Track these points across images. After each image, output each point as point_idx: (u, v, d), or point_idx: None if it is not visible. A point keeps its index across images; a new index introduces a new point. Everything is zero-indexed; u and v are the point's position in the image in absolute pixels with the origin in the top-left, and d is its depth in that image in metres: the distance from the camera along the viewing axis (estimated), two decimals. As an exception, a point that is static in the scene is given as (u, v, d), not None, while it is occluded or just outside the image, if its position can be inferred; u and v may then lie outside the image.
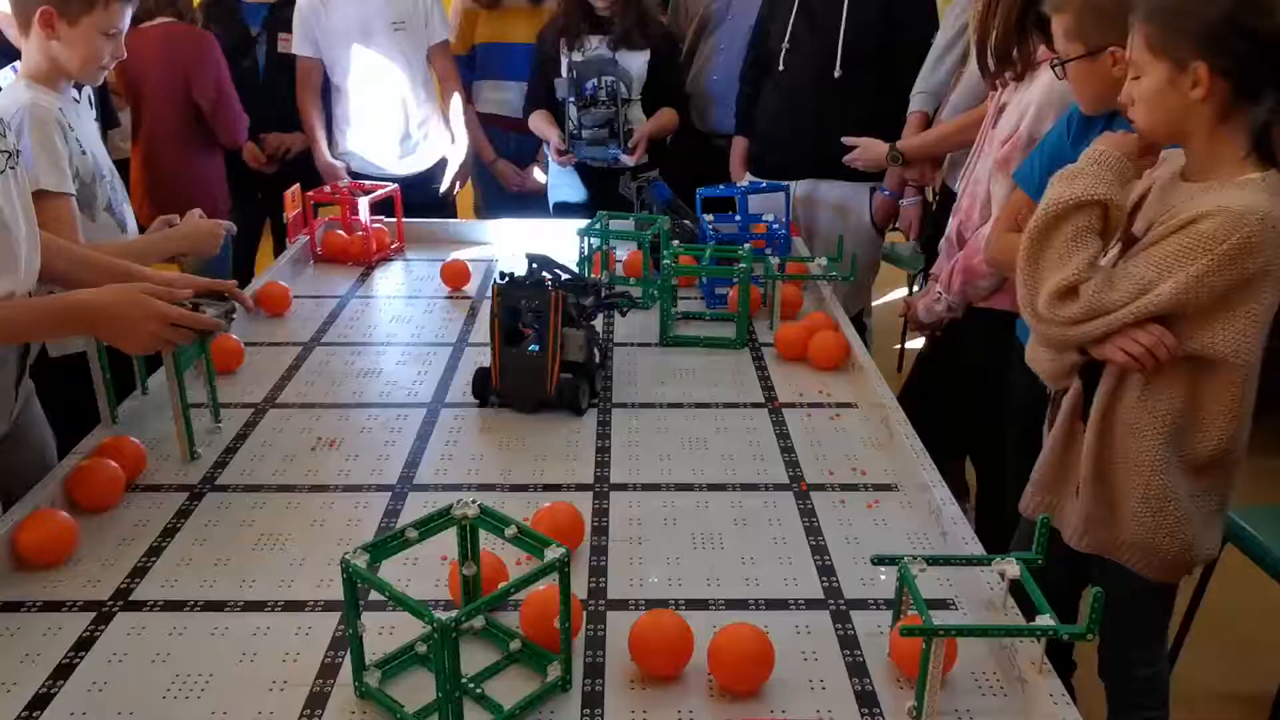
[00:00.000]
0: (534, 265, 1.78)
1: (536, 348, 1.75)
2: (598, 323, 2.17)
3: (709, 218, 2.41)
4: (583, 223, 2.38)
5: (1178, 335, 1.40)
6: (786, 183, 2.70)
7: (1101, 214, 1.41)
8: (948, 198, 2.62)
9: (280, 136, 3.35)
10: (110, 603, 1.26)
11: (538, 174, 3.44)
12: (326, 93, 3.20)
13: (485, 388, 1.80)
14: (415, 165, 3.23)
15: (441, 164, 3.30)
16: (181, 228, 1.98)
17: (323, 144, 3.19)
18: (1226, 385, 1.43)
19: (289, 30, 3.20)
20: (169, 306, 1.45)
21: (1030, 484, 1.63)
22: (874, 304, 4.07)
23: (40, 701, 1.10)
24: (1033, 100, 1.97)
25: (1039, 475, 1.62)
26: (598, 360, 1.83)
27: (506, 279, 1.76)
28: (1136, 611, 1.63)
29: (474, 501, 1.14)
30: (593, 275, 2.26)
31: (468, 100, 3.36)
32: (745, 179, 2.97)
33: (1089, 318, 1.40)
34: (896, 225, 3.02)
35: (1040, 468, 1.61)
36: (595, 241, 2.29)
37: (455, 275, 2.43)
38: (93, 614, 1.24)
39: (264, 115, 3.28)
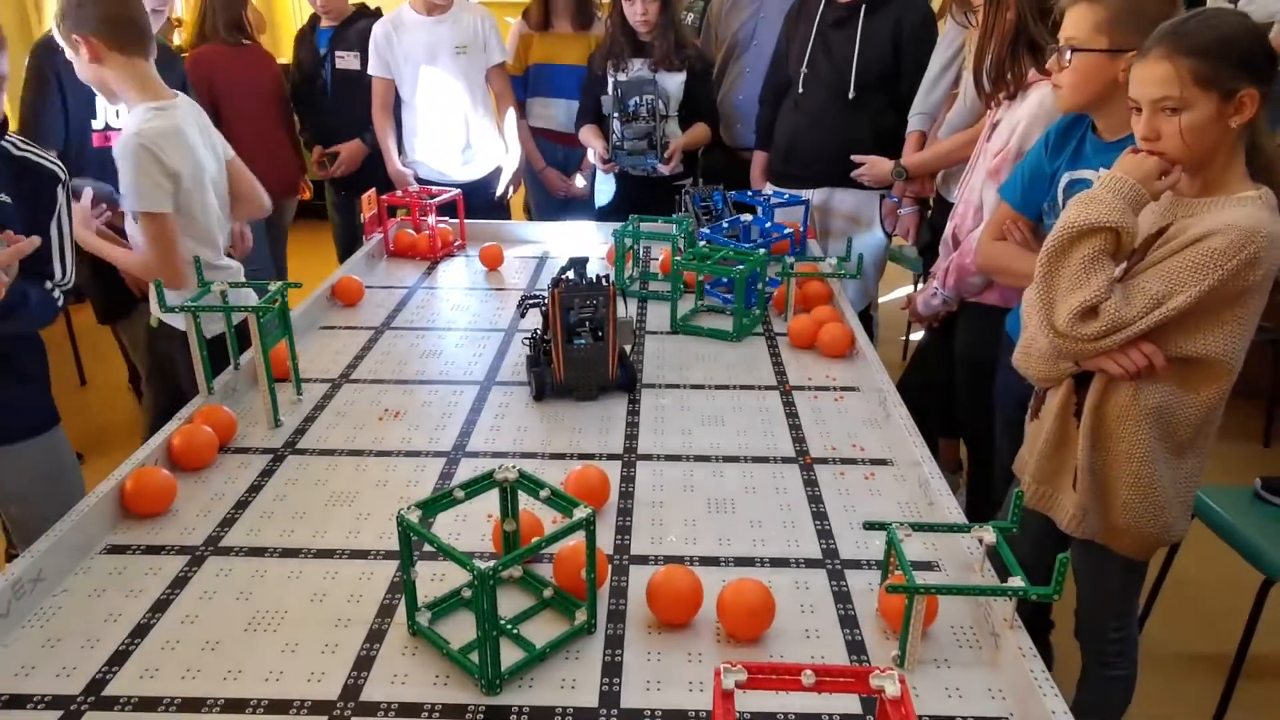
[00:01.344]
0: (579, 267, 1.77)
1: (584, 341, 1.72)
2: (632, 310, 2.19)
3: (746, 217, 2.41)
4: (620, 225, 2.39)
5: (1173, 338, 1.37)
6: (805, 193, 2.69)
7: (1114, 239, 1.36)
8: (942, 206, 2.60)
9: (343, 151, 3.48)
10: (202, 548, 1.30)
11: (580, 181, 3.46)
12: (397, 109, 3.24)
13: (545, 384, 1.75)
14: (474, 172, 3.26)
15: (497, 171, 3.33)
16: None
17: (394, 153, 3.22)
18: (1213, 380, 1.39)
19: (346, 49, 3.31)
20: None
21: (1029, 476, 1.59)
22: (881, 300, 4.04)
23: (141, 630, 1.13)
24: (1023, 117, 1.94)
25: (1036, 469, 1.58)
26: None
27: (564, 283, 1.73)
28: (1112, 582, 1.61)
29: (514, 466, 1.16)
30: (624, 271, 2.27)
31: (521, 115, 3.38)
32: (766, 189, 2.97)
33: (1109, 333, 1.36)
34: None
35: (1038, 461, 1.57)
36: (628, 241, 2.30)
37: (491, 258, 2.54)
38: (187, 558, 1.28)
39: (331, 124, 3.45)
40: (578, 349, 1.72)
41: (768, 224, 2.41)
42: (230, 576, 1.24)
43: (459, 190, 2.72)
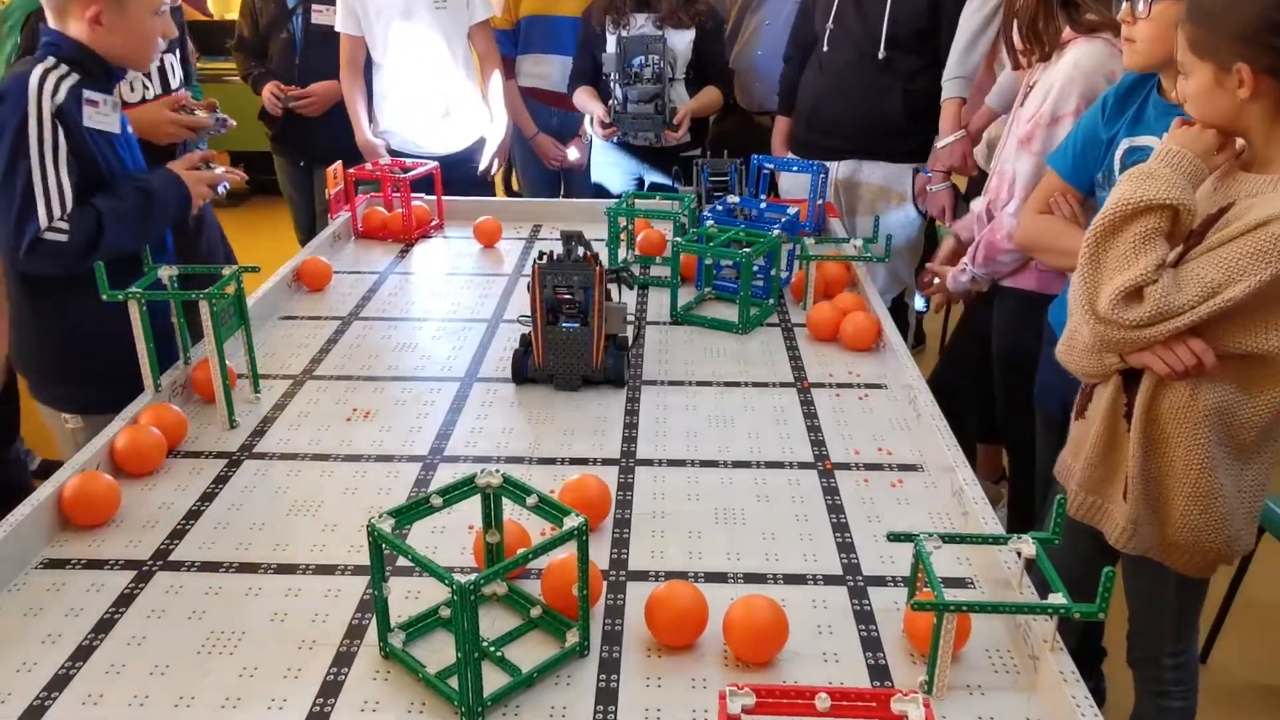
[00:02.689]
0: (571, 242, 1.79)
1: (574, 325, 1.77)
2: (631, 301, 2.21)
3: (760, 204, 2.42)
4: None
5: (1229, 332, 1.38)
6: (827, 163, 2.70)
7: (1171, 217, 1.37)
8: (983, 180, 2.61)
9: (315, 91, 3.39)
10: (150, 562, 1.32)
11: (574, 153, 3.47)
12: (368, 71, 3.25)
13: (525, 366, 1.82)
14: (454, 143, 3.27)
15: (480, 142, 3.33)
16: None
17: (363, 122, 3.23)
18: (1275, 377, 1.40)
19: (323, 2, 3.27)
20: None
21: (1075, 484, 1.61)
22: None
23: (83, 653, 1.15)
24: (1057, 78, 1.96)
25: (1083, 477, 1.59)
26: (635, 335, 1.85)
27: (545, 258, 1.77)
28: (1167, 602, 1.63)
29: (498, 471, 1.18)
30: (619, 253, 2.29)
31: (509, 78, 3.39)
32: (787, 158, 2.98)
33: (1155, 321, 1.37)
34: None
35: (1084, 469, 1.59)
36: (622, 220, 2.32)
37: (487, 234, 2.57)
38: (133, 573, 1.30)
39: (302, 85, 3.40)
40: (559, 331, 1.77)
41: (763, 204, 2.41)
42: (181, 594, 1.26)
43: (436, 163, 2.74)
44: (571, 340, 1.77)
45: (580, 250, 1.77)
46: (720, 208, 2.35)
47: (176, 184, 1.95)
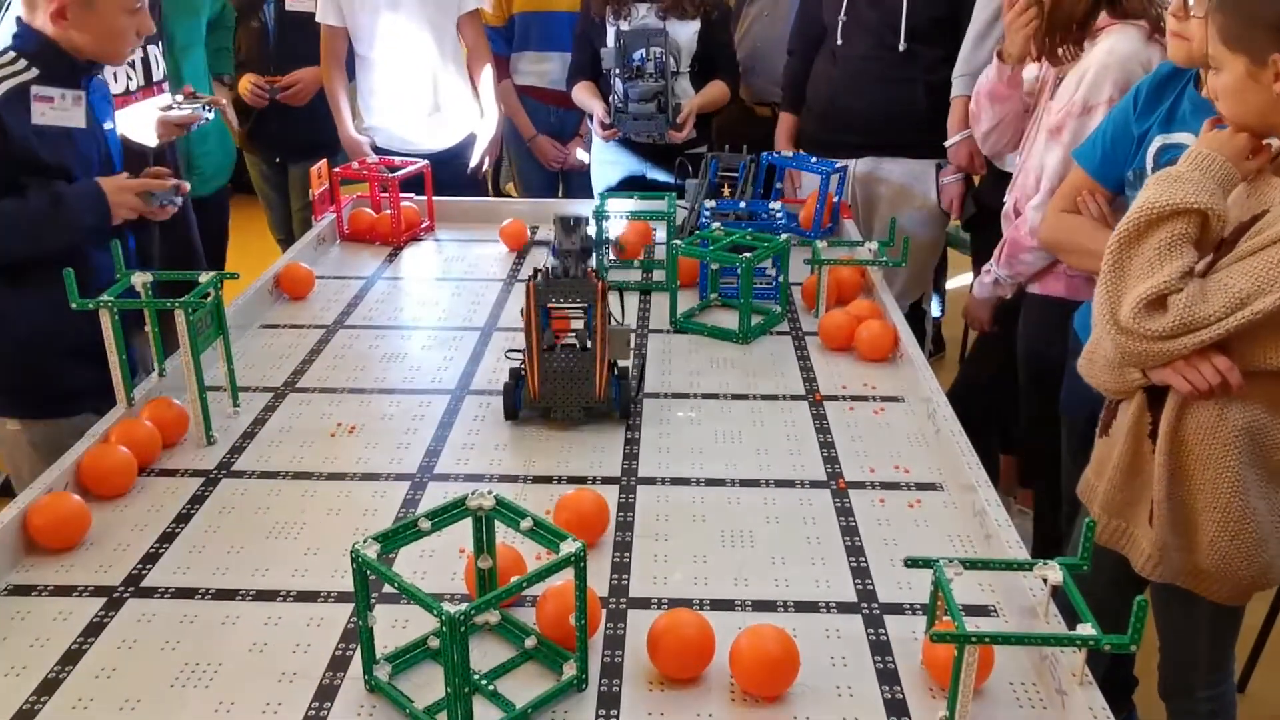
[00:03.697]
0: (572, 223, 1.70)
1: (570, 349, 1.70)
2: (632, 312, 2.21)
3: (774, 209, 2.42)
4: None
5: (1260, 348, 1.37)
6: (846, 164, 2.71)
7: (1199, 223, 1.37)
8: (992, 174, 2.61)
9: (300, 77, 3.35)
10: (121, 589, 1.32)
11: (580, 152, 3.47)
12: (351, 64, 3.25)
13: (517, 399, 1.72)
14: (443, 140, 3.27)
15: (470, 139, 3.33)
16: None
17: (347, 118, 3.23)
18: None
19: None
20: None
21: (1098, 507, 1.61)
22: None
23: (49, 686, 1.15)
24: (1091, 64, 1.95)
25: (1106, 499, 1.59)
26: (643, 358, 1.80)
27: (541, 275, 1.68)
28: (1201, 632, 1.62)
29: (490, 492, 1.17)
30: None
31: (503, 77, 3.40)
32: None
33: (1179, 333, 1.36)
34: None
35: (1108, 491, 1.58)
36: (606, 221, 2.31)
37: (514, 236, 2.59)
38: (103, 600, 1.29)
39: (279, 76, 3.36)
40: (556, 358, 1.69)
41: (774, 205, 2.38)
42: (154, 622, 1.26)
43: (426, 162, 2.74)
44: (571, 368, 1.70)
45: (579, 244, 1.69)
46: (715, 207, 2.35)
47: (95, 195, 1.93)
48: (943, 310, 4.01)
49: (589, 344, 1.70)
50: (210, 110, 2.38)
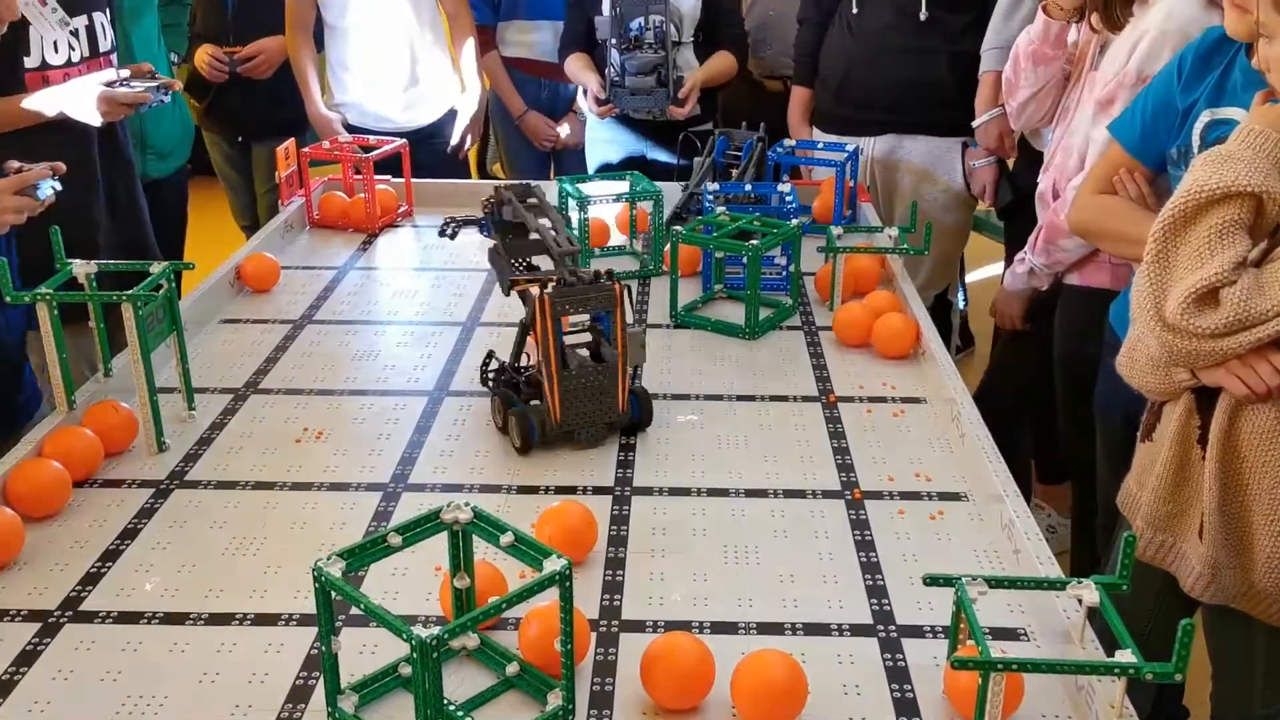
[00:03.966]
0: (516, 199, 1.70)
1: (587, 364, 1.65)
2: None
3: (784, 189, 2.40)
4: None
5: None
6: (863, 142, 2.69)
7: (1253, 208, 1.34)
8: (1027, 155, 2.60)
9: (263, 48, 3.30)
10: (57, 613, 1.30)
11: (565, 129, 3.46)
12: (319, 33, 3.24)
13: (532, 430, 1.64)
14: (421, 117, 3.27)
15: (450, 115, 3.33)
16: None
17: (316, 93, 3.23)
18: None
19: None
20: None
21: (1141, 520, 1.59)
22: (969, 279, 4.03)
23: (-22, 720, 1.14)
24: (1148, 30, 1.93)
25: (1150, 512, 1.57)
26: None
27: (555, 285, 1.61)
28: (1256, 658, 1.60)
29: (467, 504, 1.16)
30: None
31: (489, 49, 3.39)
32: (813, 137, 2.97)
33: (1232, 329, 1.34)
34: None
35: (1152, 502, 1.56)
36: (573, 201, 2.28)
37: None
38: (37, 625, 1.28)
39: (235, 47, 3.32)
40: (574, 376, 1.63)
41: (746, 186, 2.36)
42: (93, 651, 1.24)
43: (403, 141, 2.73)
44: (592, 384, 1.64)
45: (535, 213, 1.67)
46: (718, 189, 2.34)
47: None
48: (966, 301, 4.00)
49: (603, 353, 1.67)
50: (166, 94, 2.36)
